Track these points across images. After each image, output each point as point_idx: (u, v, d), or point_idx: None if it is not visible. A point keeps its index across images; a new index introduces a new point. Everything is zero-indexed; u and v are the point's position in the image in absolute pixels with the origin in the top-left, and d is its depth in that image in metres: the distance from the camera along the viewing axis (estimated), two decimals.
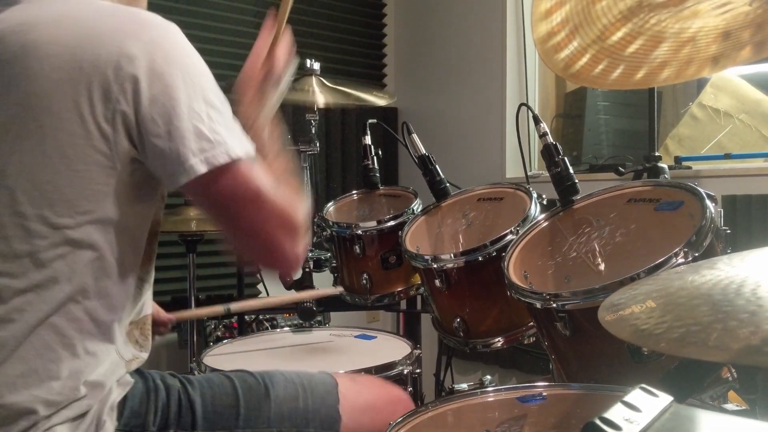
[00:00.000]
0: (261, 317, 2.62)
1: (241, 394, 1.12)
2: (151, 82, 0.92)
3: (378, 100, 2.18)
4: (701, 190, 1.14)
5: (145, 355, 1.10)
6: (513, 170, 3.05)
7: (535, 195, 1.48)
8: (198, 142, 0.92)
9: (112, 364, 1.00)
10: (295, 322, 2.50)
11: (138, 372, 1.10)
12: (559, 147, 1.39)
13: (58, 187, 0.92)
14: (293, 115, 3.13)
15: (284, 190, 1.03)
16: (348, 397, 1.19)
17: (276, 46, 1.20)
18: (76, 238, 0.93)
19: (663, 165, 1.97)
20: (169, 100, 0.92)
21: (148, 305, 1.11)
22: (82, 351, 0.95)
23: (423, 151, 1.76)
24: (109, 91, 0.91)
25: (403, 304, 2.11)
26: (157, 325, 1.41)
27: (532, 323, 1.36)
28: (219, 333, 2.56)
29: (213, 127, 0.94)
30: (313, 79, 2.12)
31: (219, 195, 0.97)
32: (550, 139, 1.39)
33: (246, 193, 0.97)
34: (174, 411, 1.07)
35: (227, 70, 2.91)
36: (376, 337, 1.80)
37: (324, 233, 1.87)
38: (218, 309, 1.67)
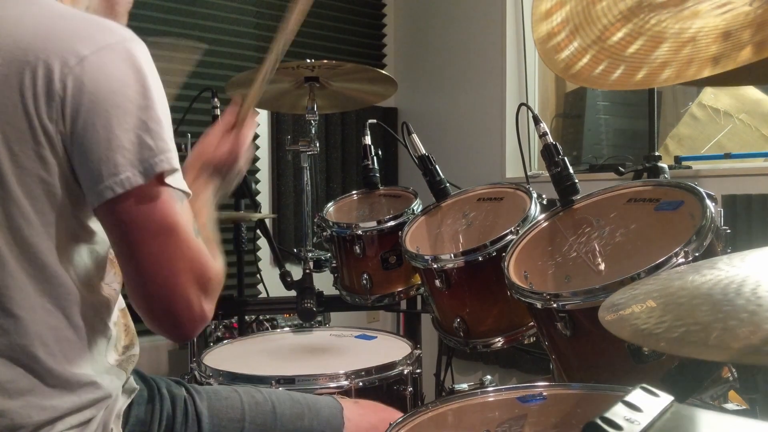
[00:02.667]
0: (261, 318, 2.62)
1: (248, 410, 1.13)
2: (96, 84, 0.86)
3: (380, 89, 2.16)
4: (701, 190, 1.14)
5: (136, 350, 1.08)
6: (513, 170, 3.05)
7: (535, 195, 1.48)
8: (140, 152, 0.87)
9: (106, 369, 0.99)
10: (296, 322, 2.50)
11: (143, 379, 1.10)
12: (559, 147, 1.39)
13: (6, 187, 0.88)
14: (293, 115, 3.14)
15: (205, 241, 0.95)
16: (352, 420, 1.20)
17: (236, 133, 1.15)
18: (32, 241, 0.89)
19: (663, 165, 1.97)
20: (113, 107, 0.87)
21: (121, 301, 1.06)
22: (67, 359, 0.93)
23: (423, 151, 1.76)
24: (51, 88, 0.86)
25: (403, 305, 2.11)
26: None
27: (532, 323, 1.36)
28: (219, 333, 2.56)
29: (160, 136, 0.88)
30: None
31: (142, 210, 0.88)
32: (550, 139, 1.39)
33: (169, 217, 0.89)
34: (180, 420, 1.07)
35: (227, 70, 2.92)
36: (376, 337, 1.80)
37: (324, 233, 1.87)
38: None
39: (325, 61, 1.94)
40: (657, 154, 1.99)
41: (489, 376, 1.71)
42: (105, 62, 0.88)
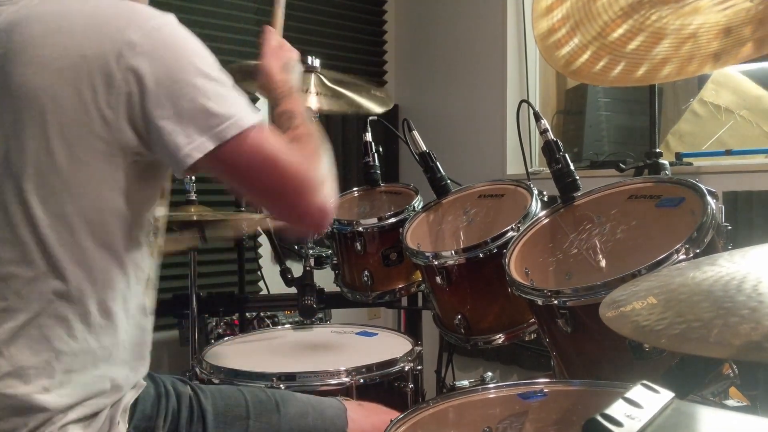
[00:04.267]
0: (262, 315, 2.62)
1: (252, 408, 1.14)
2: (154, 66, 0.93)
3: (376, 106, 2.17)
4: (702, 187, 1.14)
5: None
6: (514, 167, 3.05)
7: (536, 191, 1.48)
8: (207, 119, 0.94)
9: (124, 361, 1.02)
10: (297, 319, 2.51)
11: (149, 376, 1.11)
12: (560, 143, 1.39)
13: (60, 174, 0.93)
14: None
15: (299, 148, 1.06)
16: (356, 421, 1.21)
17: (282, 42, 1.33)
18: (77, 227, 0.94)
19: (664, 161, 1.97)
20: (174, 83, 0.93)
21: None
22: (94, 343, 0.97)
23: (424, 148, 1.76)
24: (112, 78, 0.92)
25: (405, 301, 2.10)
26: None
27: (533, 320, 1.36)
28: (220, 330, 2.56)
29: (221, 101, 0.95)
30: (313, 76, 2.12)
31: (234, 166, 0.98)
32: (550, 135, 1.39)
33: (259, 161, 0.98)
34: (185, 417, 1.08)
35: (228, 56, 2.91)
36: (377, 334, 1.80)
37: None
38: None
39: (325, 74, 1.96)
40: (658, 150, 1.99)
41: (490, 373, 1.71)
42: (156, 45, 0.94)
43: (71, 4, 0.99)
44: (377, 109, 2.15)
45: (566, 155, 1.38)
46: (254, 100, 3.02)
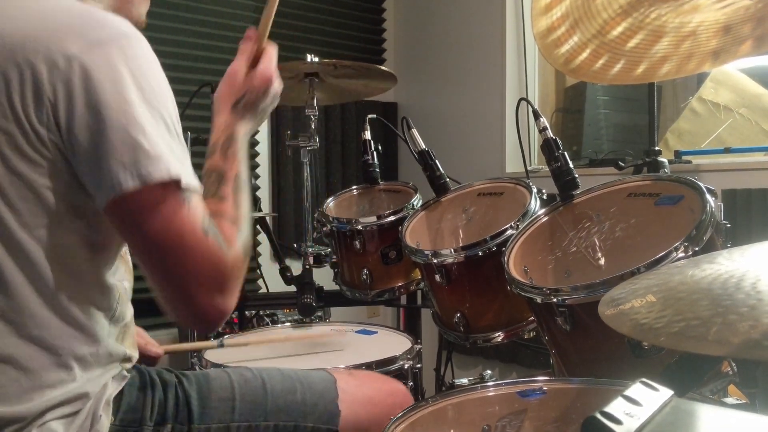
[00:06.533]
0: (261, 313, 2.62)
1: (237, 387, 1.12)
2: (87, 86, 0.83)
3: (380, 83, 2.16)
4: (701, 185, 1.14)
5: (135, 355, 1.09)
6: (513, 165, 3.05)
7: (535, 190, 1.48)
8: (133, 155, 0.83)
9: (101, 365, 0.99)
10: (296, 317, 2.50)
11: (134, 367, 1.10)
12: (559, 142, 1.39)
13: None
14: (293, 110, 3.13)
15: (219, 224, 0.92)
16: (347, 392, 1.18)
17: (257, 64, 1.12)
18: (23, 242, 0.88)
19: (663, 159, 1.97)
20: (105, 108, 0.83)
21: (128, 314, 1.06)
22: (69, 357, 0.93)
23: (423, 146, 1.76)
24: (40, 92, 0.83)
25: (404, 299, 2.10)
26: (147, 358, 1.36)
27: (532, 318, 1.36)
28: (219, 328, 2.56)
29: (154, 139, 0.84)
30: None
31: (143, 217, 0.86)
32: (550, 133, 1.39)
33: (172, 226, 0.86)
34: (171, 406, 1.07)
35: (225, 65, 2.91)
36: (376, 332, 1.80)
37: (324, 229, 1.87)
38: (211, 343, 1.67)
39: (325, 60, 1.94)
40: (657, 148, 1.99)
41: (489, 371, 1.71)
42: (95, 62, 0.84)
43: (30, 5, 0.89)
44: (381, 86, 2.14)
45: (565, 153, 1.38)
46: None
